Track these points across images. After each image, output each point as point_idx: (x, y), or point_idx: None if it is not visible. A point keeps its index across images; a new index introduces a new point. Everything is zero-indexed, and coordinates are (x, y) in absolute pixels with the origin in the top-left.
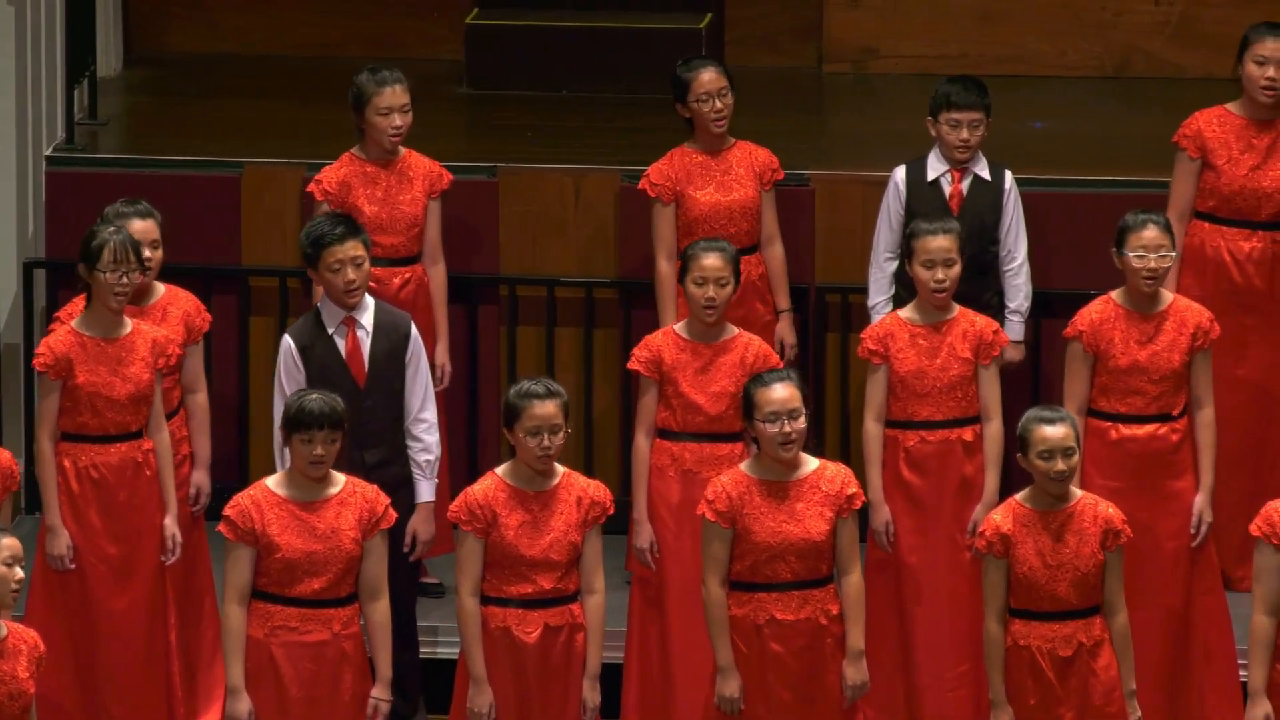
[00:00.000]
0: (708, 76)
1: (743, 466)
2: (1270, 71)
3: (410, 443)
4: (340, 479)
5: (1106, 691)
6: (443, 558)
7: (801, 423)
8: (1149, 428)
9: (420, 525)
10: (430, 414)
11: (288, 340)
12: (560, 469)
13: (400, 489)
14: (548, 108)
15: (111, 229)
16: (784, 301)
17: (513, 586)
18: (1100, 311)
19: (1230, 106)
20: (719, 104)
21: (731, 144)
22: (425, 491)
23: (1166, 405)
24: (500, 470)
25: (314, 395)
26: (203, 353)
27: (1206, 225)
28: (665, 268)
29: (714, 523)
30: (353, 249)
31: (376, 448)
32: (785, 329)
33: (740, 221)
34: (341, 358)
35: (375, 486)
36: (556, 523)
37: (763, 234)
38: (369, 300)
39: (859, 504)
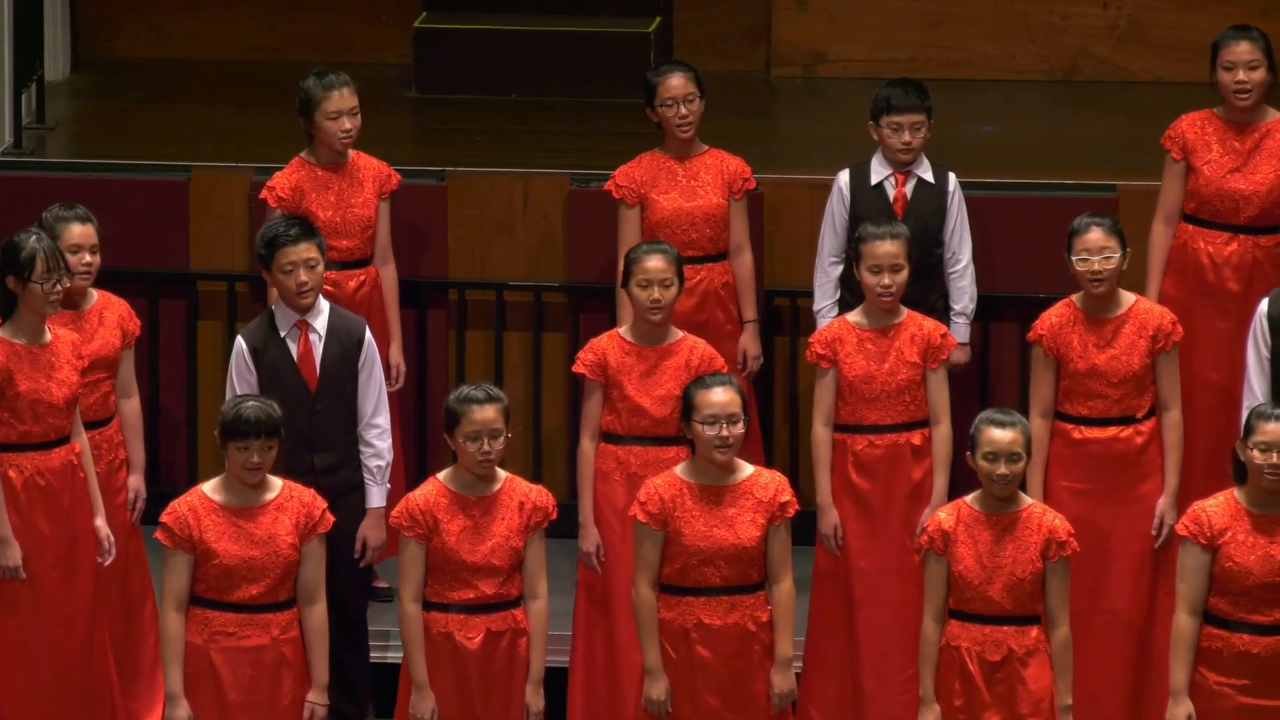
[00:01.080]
0: (675, 82)
1: (677, 470)
2: (1239, 75)
3: (362, 448)
4: (277, 484)
5: (1034, 702)
6: (392, 561)
7: (740, 428)
8: (1111, 430)
9: (370, 531)
10: (383, 419)
11: (240, 341)
12: (502, 474)
13: (351, 494)
14: (496, 111)
15: (35, 237)
16: (750, 312)
17: (454, 592)
18: (1060, 315)
19: (1216, 110)
20: (684, 109)
21: (703, 150)
22: (376, 497)
23: (1129, 408)
24: (442, 475)
25: (250, 402)
26: (133, 358)
27: (1190, 228)
28: None
29: (645, 524)
30: (306, 251)
31: (327, 452)
32: (749, 340)
33: (703, 228)
34: (293, 361)
35: (312, 491)
36: (498, 528)
37: (731, 243)
38: (323, 304)
39: (792, 512)
